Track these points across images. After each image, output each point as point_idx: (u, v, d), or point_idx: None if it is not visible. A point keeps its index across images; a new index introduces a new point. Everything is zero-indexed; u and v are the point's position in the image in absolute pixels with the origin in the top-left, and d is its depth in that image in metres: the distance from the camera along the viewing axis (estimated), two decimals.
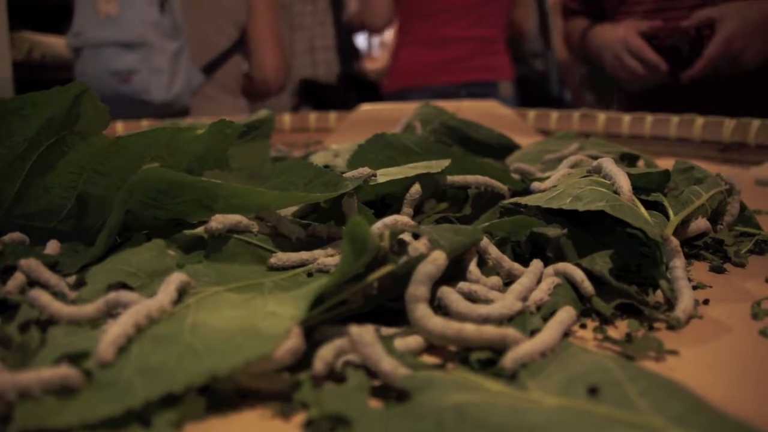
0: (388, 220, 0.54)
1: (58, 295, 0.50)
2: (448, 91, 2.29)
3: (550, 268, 0.56)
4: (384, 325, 0.47)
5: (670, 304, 0.53)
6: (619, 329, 0.51)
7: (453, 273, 0.53)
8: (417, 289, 0.44)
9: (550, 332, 0.44)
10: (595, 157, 0.83)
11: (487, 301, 0.50)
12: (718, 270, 0.65)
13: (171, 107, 1.91)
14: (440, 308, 0.48)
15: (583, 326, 0.51)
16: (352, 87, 3.53)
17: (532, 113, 1.64)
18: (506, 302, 0.47)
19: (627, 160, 1.01)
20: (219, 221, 0.55)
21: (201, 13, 2.02)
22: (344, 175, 0.63)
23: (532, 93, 2.65)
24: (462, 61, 2.40)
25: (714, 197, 0.70)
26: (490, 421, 0.34)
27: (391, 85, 2.57)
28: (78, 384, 0.37)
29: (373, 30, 2.61)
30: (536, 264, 0.56)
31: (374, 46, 5.40)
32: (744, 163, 1.28)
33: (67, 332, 0.43)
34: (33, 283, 0.52)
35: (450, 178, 0.74)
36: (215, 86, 2.13)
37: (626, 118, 1.48)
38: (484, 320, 0.45)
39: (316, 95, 3.53)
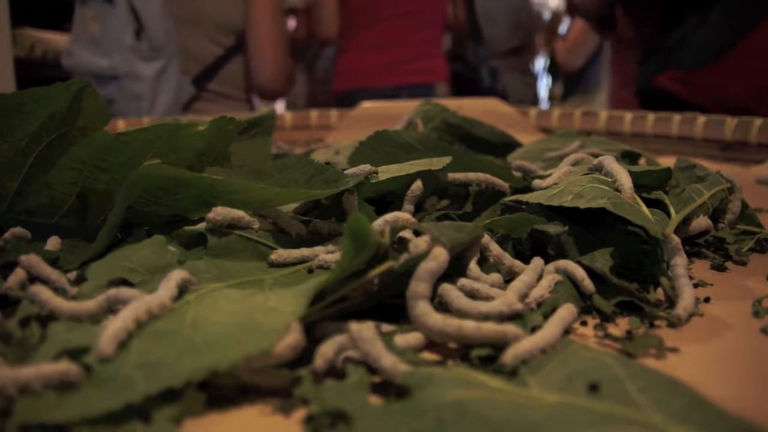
0: (389, 216, 0.54)
1: (58, 290, 0.50)
2: (389, 93, 2.41)
3: (551, 266, 0.55)
4: (384, 322, 0.47)
5: (671, 301, 0.53)
6: (619, 327, 0.51)
7: (453, 270, 0.53)
8: (418, 286, 0.44)
9: (550, 329, 0.44)
10: (597, 155, 0.83)
11: (488, 299, 0.50)
12: (719, 268, 0.65)
13: None
14: (441, 305, 0.48)
15: (584, 323, 0.51)
16: None
17: (533, 111, 1.64)
18: (507, 299, 0.47)
19: (628, 158, 1.01)
20: (219, 213, 0.55)
21: (189, 26, 1.98)
22: (345, 172, 0.63)
23: (465, 87, 2.79)
24: (402, 64, 2.55)
25: (715, 195, 0.70)
26: (490, 418, 0.34)
27: (336, 88, 2.69)
28: (78, 379, 0.37)
29: (327, 42, 2.68)
30: (537, 261, 0.56)
31: None
32: (745, 162, 1.28)
33: (68, 328, 0.43)
34: (34, 278, 0.52)
35: (451, 176, 0.74)
36: (224, 85, 2.11)
37: (628, 116, 1.48)
38: (485, 317, 0.45)
39: None
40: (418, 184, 0.68)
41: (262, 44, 2.07)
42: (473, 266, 0.54)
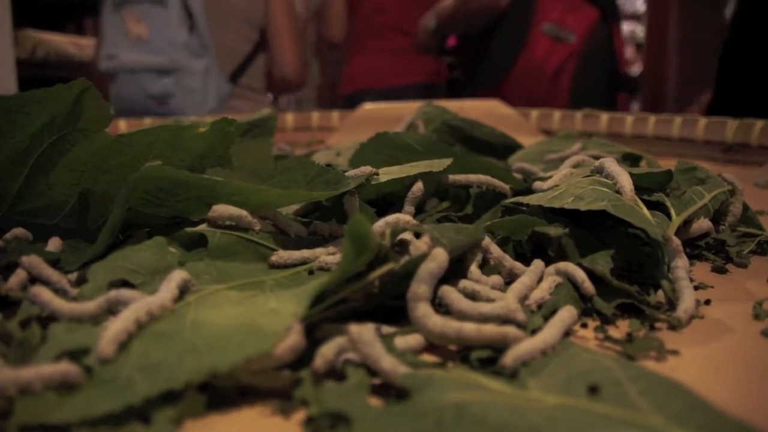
0: (390, 218, 0.54)
1: (59, 291, 0.50)
2: (397, 93, 2.52)
3: (552, 268, 0.55)
4: (385, 324, 0.47)
5: (672, 304, 0.53)
6: (620, 329, 0.51)
7: (454, 272, 0.53)
8: (419, 288, 0.44)
9: (550, 331, 0.44)
10: (598, 157, 0.82)
11: (489, 301, 0.50)
12: (720, 270, 0.65)
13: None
14: (441, 307, 0.48)
15: (584, 326, 0.51)
16: None
17: (534, 113, 1.64)
18: (507, 303, 0.47)
19: (629, 160, 1.01)
20: (217, 211, 0.55)
21: (222, 22, 2.07)
22: (346, 173, 0.63)
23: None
24: (409, 65, 2.67)
25: (716, 198, 0.70)
26: (490, 420, 0.34)
27: (344, 90, 2.82)
28: (78, 380, 0.37)
29: (334, 43, 2.82)
30: (537, 263, 0.56)
31: None
32: (747, 164, 1.27)
33: (68, 329, 0.43)
34: (34, 279, 0.52)
35: (452, 177, 0.74)
36: (241, 86, 2.19)
37: (629, 118, 1.48)
38: (485, 319, 0.45)
39: None
40: (418, 186, 0.68)
41: (281, 37, 2.18)
42: (473, 268, 0.54)
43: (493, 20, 2.29)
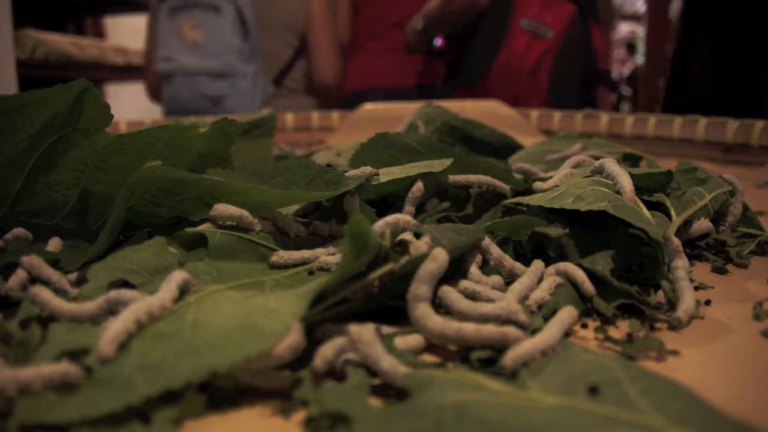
0: (390, 218, 0.54)
1: (59, 291, 0.50)
2: (400, 93, 2.60)
3: (552, 268, 0.55)
4: (385, 324, 0.47)
5: (672, 304, 0.53)
6: (620, 329, 0.51)
7: (454, 273, 0.53)
8: (419, 288, 0.44)
9: (550, 331, 0.44)
10: (598, 158, 0.83)
11: (489, 301, 0.50)
12: (720, 271, 0.65)
13: None
14: (441, 307, 0.48)
15: (584, 326, 0.51)
16: None
17: (535, 113, 1.64)
18: (509, 303, 0.47)
19: (629, 160, 1.01)
20: (217, 210, 0.55)
21: (268, 30, 2.21)
22: (346, 173, 0.63)
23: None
24: (411, 66, 2.72)
25: (717, 198, 0.70)
26: (489, 420, 0.34)
27: (347, 89, 2.85)
28: (78, 380, 0.37)
29: (341, 45, 2.88)
30: (537, 264, 0.56)
31: None
32: (747, 164, 1.27)
33: (68, 329, 0.43)
34: (35, 279, 0.52)
35: (452, 178, 0.74)
36: (284, 87, 2.34)
37: (629, 118, 1.48)
38: (485, 319, 0.45)
39: None
40: (419, 186, 0.68)
41: (322, 45, 2.33)
42: (474, 270, 0.54)
43: (475, 18, 2.34)
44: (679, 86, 2.36)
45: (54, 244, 0.60)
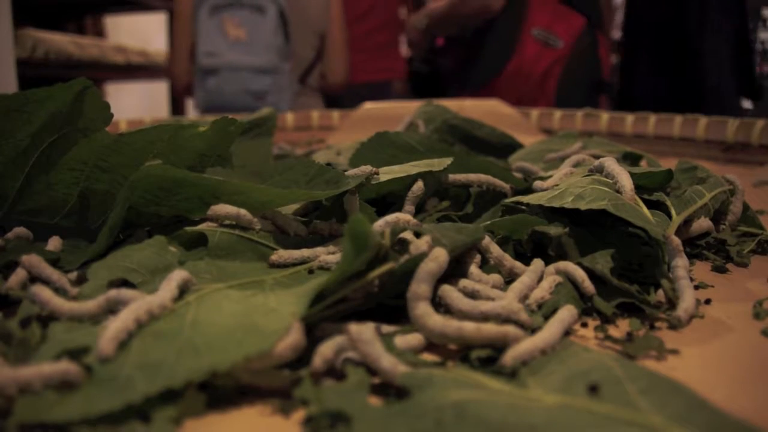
0: (390, 217, 0.54)
1: (59, 291, 0.50)
2: (349, 90, 2.69)
3: (552, 267, 0.55)
4: (385, 323, 0.47)
5: (672, 303, 0.53)
6: (620, 328, 0.51)
7: (453, 272, 0.53)
8: (419, 287, 0.44)
9: (550, 330, 0.44)
10: (598, 157, 0.83)
11: (489, 300, 0.50)
12: (720, 270, 0.65)
13: None
14: (441, 306, 0.48)
15: (584, 325, 0.51)
16: None
17: (535, 112, 1.64)
18: (510, 303, 0.47)
19: (630, 159, 1.01)
20: (214, 210, 0.55)
21: (297, 30, 2.35)
22: (346, 173, 0.63)
23: (422, 85, 3.10)
24: (361, 64, 2.79)
25: (717, 197, 0.70)
26: (489, 419, 0.34)
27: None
28: (78, 379, 0.37)
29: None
30: (537, 263, 0.56)
31: None
32: (747, 163, 1.27)
33: (68, 328, 0.43)
34: (34, 278, 0.52)
35: (452, 177, 0.74)
36: (305, 86, 2.50)
37: (629, 117, 1.48)
38: (485, 317, 0.45)
39: None
40: (419, 185, 0.68)
41: (338, 48, 2.51)
42: (475, 270, 0.54)
43: (486, 23, 2.41)
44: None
45: (54, 243, 0.60)
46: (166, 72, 3.04)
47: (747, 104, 3.00)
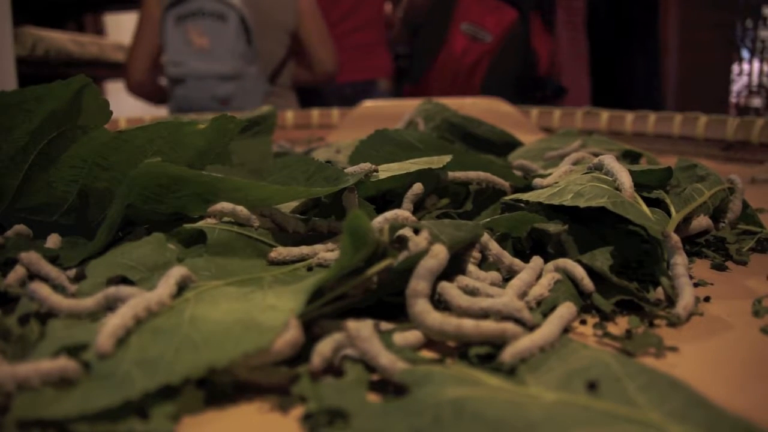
0: (389, 214, 0.54)
1: (58, 288, 0.50)
2: (334, 90, 2.74)
3: (551, 264, 0.55)
4: (384, 320, 0.47)
5: (671, 301, 0.53)
6: (619, 325, 0.51)
7: (452, 269, 0.53)
8: (418, 284, 0.44)
9: (549, 327, 0.44)
10: (598, 155, 0.83)
11: (488, 297, 0.49)
12: (719, 267, 0.65)
13: None
14: (440, 303, 0.48)
15: (583, 322, 0.51)
16: None
17: (535, 111, 1.64)
18: (512, 301, 0.47)
19: (629, 157, 1.01)
20: (215, 209, 0.55)
21: (263, 31, 2.36)
22: (345, 170, 0.63)
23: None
24: (346, 63, 2.77)
25: (716, 195, 0.70)
26: (488, 416, 0.34)
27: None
28: (76, 375, 0.37)
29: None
30: (536, 260, 0.56)
31: None
32: (747, 162, 1.27)
33: (67, 325, 0.43)
34: (33, 276, 0.52)
35: (451, 174, 0.74)
36: (277, 85, 2.51)
37: (629, 116, 1.48)
38: (485, 314, 0.45)
39: None
40: (419, 186, 0.68)
41: (317, 38, 2.49)
42: (473, 269, 0.54)
43: (421, 17, 2.52)
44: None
45: (53, 240, 0.60)
46: (123, 69, 3.01)
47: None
